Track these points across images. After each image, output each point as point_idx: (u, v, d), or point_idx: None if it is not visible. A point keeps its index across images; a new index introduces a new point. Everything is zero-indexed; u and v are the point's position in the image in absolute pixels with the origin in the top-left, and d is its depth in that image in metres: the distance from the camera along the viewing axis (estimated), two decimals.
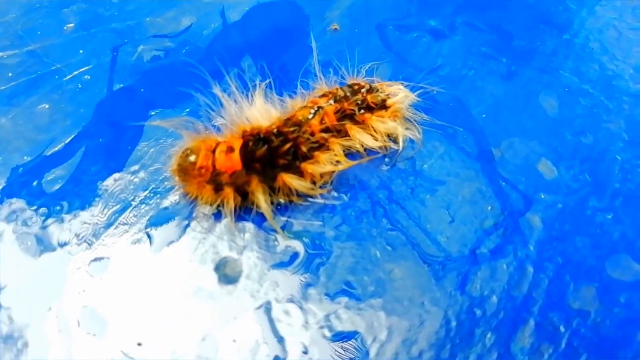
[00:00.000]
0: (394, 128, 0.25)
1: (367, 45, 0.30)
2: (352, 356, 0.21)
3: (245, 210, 0.24)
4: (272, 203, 0.24)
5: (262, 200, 0.23)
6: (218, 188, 0.23)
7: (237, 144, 0.23)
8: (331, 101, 0.25)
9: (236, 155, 0.23)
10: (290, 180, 0.23)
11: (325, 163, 0.24)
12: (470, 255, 0.23)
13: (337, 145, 0.25)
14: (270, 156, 0.23)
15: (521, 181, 0.26)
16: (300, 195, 0.24)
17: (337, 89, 0.25)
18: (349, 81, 0.26)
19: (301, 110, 0.25)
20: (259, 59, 0.29)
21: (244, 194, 0.24)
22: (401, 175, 0.25)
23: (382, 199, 0.25)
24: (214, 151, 0.23)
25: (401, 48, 0.30)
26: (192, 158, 0.23)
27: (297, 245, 0.23)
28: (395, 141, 0.26)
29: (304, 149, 0.24)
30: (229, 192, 0.23)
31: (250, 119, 0.25)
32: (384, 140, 0.25)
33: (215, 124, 0.25)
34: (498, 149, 0.27)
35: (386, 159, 0.26)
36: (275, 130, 0.24)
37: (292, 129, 0.24)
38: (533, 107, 0.28)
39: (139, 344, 0.21)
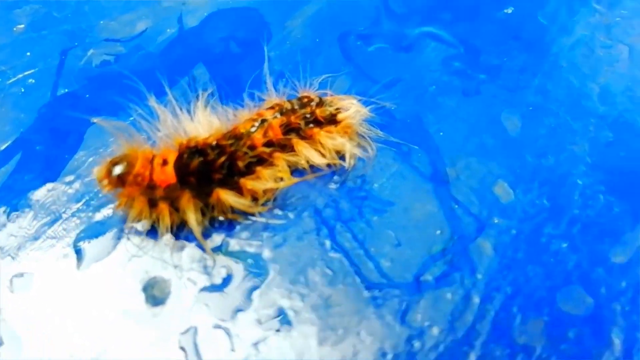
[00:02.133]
0: (342, 144, 0.24)
1: (328, 56, 0.29)
2: None
3: (182, 227, 0.23)
4: (210, 220, 0.23)
5: (191, 217, 0.21)
6: (152, 203, 0.22)
7: (172, 157, 0.22)
8: (277, 114, 0.24)
9: (170, 167, 0.22)
10: (226, 196, 0.22)
11: (267, 179, 0.23)
12: (413, 282, 0.22)
13: (281, 160, 0.24)
14: (205, 170, 0.22)
15: (475, 204, 0.24)
16: (239, 213, 0.23)
17: (284, 102, 0.24)
18: (301, 93, 0.25)
19: (244, 123, 0.23)
20: (212, 67, 0.28)
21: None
22: (349, 195, 0.24)
23: (328, 218, 0.24)
24: (151, 162, 0.22)
25: (362, 60, 0.29)
26: (127, 165, 0.22)
27: (233, 267, 0.22)
28: (344, 158, 0.25)
29: (240, 163, 0.22)
30: (163, 208, 0.22)
31: (188, 131, 0.23)
32: (332, 157, 0.24)
33: (154, 135, 0.24)
34: (453, 169, 0.25)
35: (335, 177, 0.25)
36: (213, 143, 0.22)
37: (230, 141, 0.22)
38: (494, 126, 0.27)
39: None
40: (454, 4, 0.32)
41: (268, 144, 0.23)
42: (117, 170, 0.21)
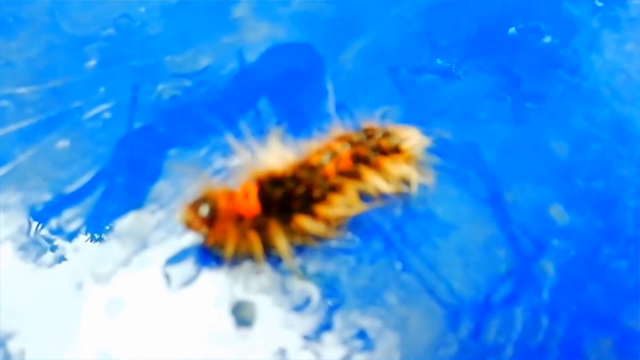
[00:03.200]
0: (409, 172, 0.25)
1: (380, 88, 0.31)
2: None
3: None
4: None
5: (282, 241, 0.23)
6: (242, 233, 0.23)
7: (252, 189, 0.24)
8: (346, 145, 0.25)
9: (253, 199, 0.23)
10: (305, 222, 0.24)
11: (339, 206, 0.25)
12: (484, 302, 0.24)
13: (351, 188, 0.25)
14: (285, 199, 0.23)
15: (533, 227, 0.26)
16: (313, 238, 0.24)
17: (351, 134, 0.26)
18: (364, 125, 0.27)
19: (316, 154, 0.25)
20: (275, 100, 0.30)
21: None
22: (414, 219, 0.26)
23: (396, 242, 0.25)
24: (232, 196, 0.23)
25: (413, 91, 0.31)
26: (212, 204, 0.23)
27: (311, 289, 0.24)
28: (408, 185, 0.26)
29: (317, 192, 0.24)
30: (253, 237, 0.23)
31: (264, 164, 0.25)
32: (398, 184, 0.26)
33: (228, 168, 0.26)
34: (509, 193, 0.27)
35: (400, 202, 0.26)
36: (289, 174, 0.24)
37: (305, 172, 0.24)
38: (543, 152, 0.29)
39: None
40: (493, 36, 0.34)
41: (338, 173, 0.25)
42: (204, 210, 0.23)
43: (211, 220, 0.23)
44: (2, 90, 0.30)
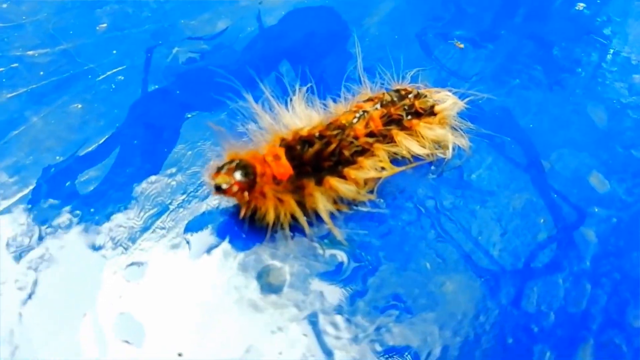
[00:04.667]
0: (444, 135, 0.24)
1: (408, 52, 0.29)
2: None
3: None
4: (313, 211, 0.23)
5: (321, 202, 0.22)
6: (279, 197, 0.22)
7: (280, 151, 0.22)
8: (377, 105, 0.24)
9: (284, 160, 0.22)
10: (337, 184, 0.22)
11: (369, 169, 0.23)
12: (524, 269, 0.22)
13: (382, 151, 0.24)
14: (316, 159, 0.22)
15: (573, 194, 0.25)
16: (344, 202, 0.23)
17: (383, 94, 0.24)
18: (395, 87, 0.25)
19: (345, 114, 0.24)
20: (297, 64, 0.29)
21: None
22: (449, 185, 0.24)
23: (430, 208, 0.24)
24: (263, 159, 0.22)
25: (442, 56, 0.30)
26: (248, 168, 0.21)
27: (342, 255, 0.22)
28: (442, 149, 0.25)
29: (347, 153, 0.22)
30: (289, 200, 0.22)
31: (289, 125, 0.24)
32: (432, 148, 0.24)
33: (250, 131, 0.24)
34: (547, 161, 0.26)
35: (432, 167, 0.25)
36: (317, 134, 0.23)
37: (335, 132, 0.23)
38: (581, 119, 0.27)
39: (180, 355, 0.20)
40: (525, 3, 0.33)
41: (369, 134, 0.24)
42: (243, 174, 0.21)
43: (250, 184, 0.21)
44: (12, 53, 0.28)
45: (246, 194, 0.21)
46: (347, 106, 0.25)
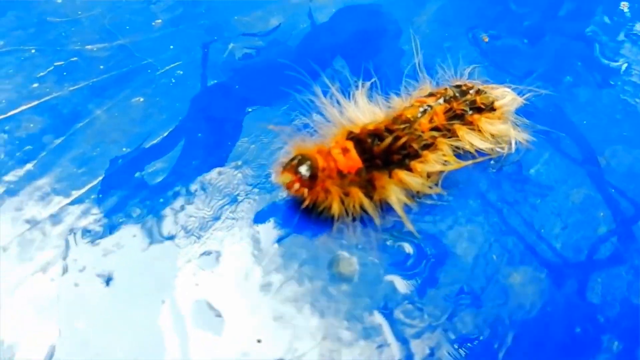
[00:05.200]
0: (506, 130, 0.25)
1: (458, 49, 0.30)
2: None
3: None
4: (379, 203, 0.23)
5: (397, 192, 0.22)
6: (344, 190, 0.22)
7: (350, 144, 0.23)
8: (440, 100, 0.24)
9: (354, 153, 0.22)
10: (405, 177, 0.23)
11: (435, 162, 0.24)
12: (587, 261, 0.23)
13: (445, 145, 0.24)
14: (385, 153, 0.23)
15: (629, 189, 0.25)
16: (410, 195, 0.23)
17: (446, 89, 0.25)
18: (455, 82, 0.26)
19: (409, 109, 0.24)
20: (351, 60, 0.29)
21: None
22: (509, 179, 0.25)
23: (492, 202, 0.24)
24: (328, 153, 0.22)
25: (493, 53, 0.30)
26: (311, 163, 0.22)
27: (410, 246, 0.23)
28: (501, 144, 0.25)
29: (415, 146, 0.23)
30: (356, 192, 0.22)
31: (353, 119, 0.24)
32: (493, 142, 0.25)
33: (313, 124, 0.25)
34: (602, 156, 0.26)
35: (492, 162, 0.25)
36: (384, 129, 0.23)
37: (402, 126, 0.23)
38: (632, 117, 0.28)
39: (259, 341, 0.20)
40: (569, 0, 0.33)
41: (433, 129, 0.24)
42: (304, 170, 0.21)
43: (312, 180, 0.22)
44: (70, 47, 0.29)
45: (306, 190, 0.22)
46: (407, 102, 0.25)
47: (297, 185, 0.22)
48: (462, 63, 0.28)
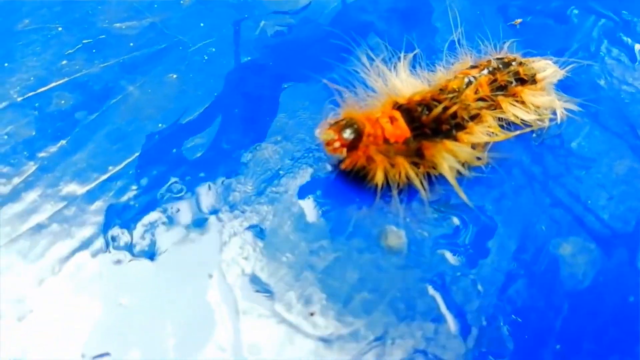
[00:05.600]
0: (550, 102, 0.24)
1: (492, 26, 0.29)
2: (537, 331, 0.20)
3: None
4: (424, 174, 0.23)
5: (450, 160, 0.22)
6: (390, 159, 0.22)
7: (396, 114, 0.22)
8: (484, 72, 0.24)
9: (402, 122, 0.22)
10: (455, 147, 0.22)
11: (480, 134, 0.23)
12: (634, 232, 0.23)
13: (490, 117, 0.24)
14: (435, 122, 0.22)
15: None
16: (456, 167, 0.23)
17: (489, 61, 0.25)
18: (494, 55, 0.26)
19: (454, 81, 0.24)
20: (384, 38, 0.29)
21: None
22: (552, 152, 0.25)
23: (537, 174, 0.24)
24: (376, 121, 0.22)
25: (527, 30, 0.30)
26: (358, 126, 0.22)
27: (458, 219, 0.22)
28: (543, 116, 0.25)
29: (465, 115, 0.23)
30: (402, 162, 0.22)
31: (397, 90, 0.24)
32: (537, 114, 0.25)
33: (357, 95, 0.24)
34: None
35: (534, 135, 0.25)
36: (430, 99, 0.23)
37: (450, 96, 0.23)
38: None
39: (311, 314, 0.20)
40: None
41: (479, 101, 0.24)
42: (349, 130, 0.21)
43: (355, 142, 0.21)
44: (97, 25, 0.28)
45: (344, 149, 0.21)
46: (448, 74, 0.25)
47: (337, 144, 0.21)
48: (498, 39, 0.28)
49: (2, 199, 0.22)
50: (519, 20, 0.30)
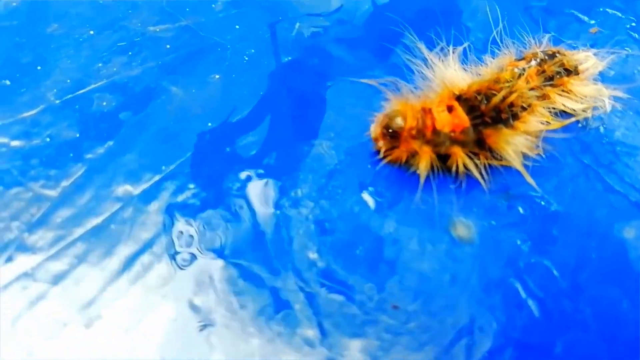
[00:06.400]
0: (598, 91, 0.25)
1: (521, 26, 0.30)
2: (616, 314, 0.20)
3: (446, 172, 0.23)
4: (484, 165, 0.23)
5: (513, 145, 0.22)
6: (443, 150, 0.22)
7: (454, 103, 0.22)
8: (532, 63, 0.25)
9: (460, 111, 0.22)
10: (514, 135, 0.22)
11: (534, 123, 0.24)
12: None
13: (539, 107, 0.24)
14: (494, 111, 0.22)
15: None
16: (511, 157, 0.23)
17: (534, 53, 0.25)
18: (536, 49, 0.26)
19: (504, 73, 0.24)
20: (421, 37, 0.29)
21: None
22: (599, 142, 0.25)
23: (589, 163, 0.24)
24: (428, 111, 0.22)
25: (554, 29, 0.31)
26: (399, 121, 0.22)
27: (521, 207, 0.22)
28: (587, 107, 0.25)
29: (524, 104, 0.23)
30: (459, 152, 0.22)
31: (450, 81, 0.24)
32: (585, 103, 0.25)
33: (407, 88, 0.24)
34: None
35: (579, 125, 0.26)
36: (487, 90, 0.23)
37: (506, 85, 0.23)
38: None
39: (395, 307, 0.19)
40: None
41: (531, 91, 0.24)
42: (390, 127, 0.22)
43: (394, 139, 0.22)
44: (131, 28, 0.28)
45: (383, 146, 0.22)
46: (495, 67, 0.25)
47: (380, 143, 0.22)
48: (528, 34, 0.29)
49: (52, 202, 0.21)
50: (596, 29, 0.31)
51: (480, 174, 0.22)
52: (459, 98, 0.23)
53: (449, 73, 0.24)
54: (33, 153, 0.23)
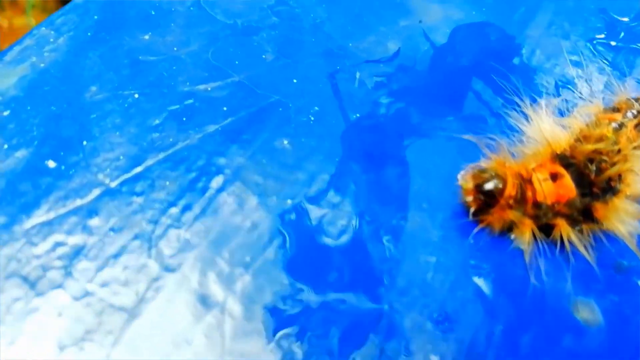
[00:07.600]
0: None
1: (586, 60, 0.29)
2: None
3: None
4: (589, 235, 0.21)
5: (624, 222, 0.20)
6: (546, 221, 0.20)
7: (560, 169, 0.21)
8: (629, 114, 0.23)
9: (569, 180, 0.20)
10: (625, 206, 0.21)
11: (638, 185, 0.22)
12: None
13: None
14: (602, 179, 0.21)
15: None
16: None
17: (628, 102, 0.23)
18: (624, 95, 0.24)
19: (602, 127, 0.22)
20: (488, 81, 0.27)
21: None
22: None
23: None
24: (528, 181, 0.20)
25: (621, 65, 0.29)
26: (497, 184, 0.20)
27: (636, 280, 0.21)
28: None
29: (629, 166, 0.21)
30: (563, 224, 0.20)
31: (547, 139, 0.22)
32: None
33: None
34: None
35: None
36: (591, 152, 0.21)
37: (614, 148, 0.21)
38: None
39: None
40: None
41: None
42: (485, 188, 0.20)
43: (489, 201, 0.20)
44: (179, 88, 0.25)
45: (472, 200, 0.20)
46: (581, 117, 0.24)
47: (470, 198, 0.20)
48: (596, 73, 0.27)
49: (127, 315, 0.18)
50: None
51: (585, 248, 0.21)
52: (561, 160, 0.21)
53: (547, 127, 0.22)
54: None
